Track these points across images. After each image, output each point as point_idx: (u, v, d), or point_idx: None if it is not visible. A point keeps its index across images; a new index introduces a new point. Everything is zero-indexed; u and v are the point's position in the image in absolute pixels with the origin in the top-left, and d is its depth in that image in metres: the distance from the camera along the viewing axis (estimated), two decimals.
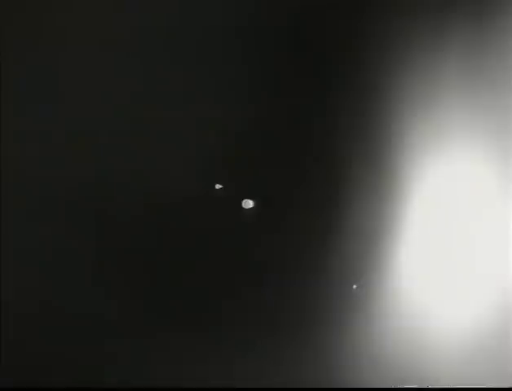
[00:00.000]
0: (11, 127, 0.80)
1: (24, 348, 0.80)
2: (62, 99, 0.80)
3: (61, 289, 0.79)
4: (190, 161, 0.79)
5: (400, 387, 0.78)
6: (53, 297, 0.79)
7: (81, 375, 0.80)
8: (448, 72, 0.78)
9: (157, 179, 0.79)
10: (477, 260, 0.78)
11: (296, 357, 0.78)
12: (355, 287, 0.77)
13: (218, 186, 0.78)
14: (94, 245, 0.79)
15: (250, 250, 0.78)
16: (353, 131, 0.78)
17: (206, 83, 0.79)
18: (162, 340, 0.79)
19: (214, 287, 0.79)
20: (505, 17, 0.78)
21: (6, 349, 0.80)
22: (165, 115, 0.79)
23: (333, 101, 0.78)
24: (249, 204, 0.78)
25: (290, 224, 0.78)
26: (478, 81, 0.78)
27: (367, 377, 0.78)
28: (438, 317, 0.78)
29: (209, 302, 0.79)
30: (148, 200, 0.79)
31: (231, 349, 0.79)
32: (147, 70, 0.80)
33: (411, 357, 0.78)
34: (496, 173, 0.78)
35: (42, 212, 0.80)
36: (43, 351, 0.79)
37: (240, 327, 0.79)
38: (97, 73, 0.80)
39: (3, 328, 0.80)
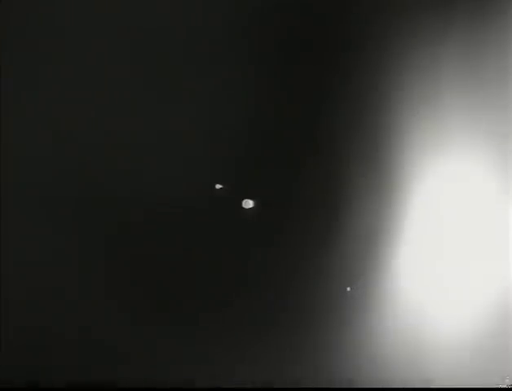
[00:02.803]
0: (11, 127, 0.80)
1: (23, 348, 0.80)
2: (63, 99, 0.80)
3: (61, 289, 0.79)
4: (190, 161, 0.79)
5: (400, 387, 0.78)
6: (53, 297, 0.79)
7: (80, 375, 0.80)
8: (449, 71, 0.78)
9: (157, 179, 0.79)
10: (477, 260, 0.78)
11: (295, 357, 0.78)
12: (348, 289, 0.77)
13: (218, 186, 0.78)
14: (93, 244, 0.79)
15: (250, 250, 0.79)
16: (352, 130, 0.78)
17: (205, 83, 0.79)
18: (161, 340, 0.79)
19: (214, 287, 0.79)
20: (505, 17, 0.78)
21: (6, 349, 0.80)
22: (165, 114, 0.79)
23: (333, 100, 0.78)
24: (249, 204, 0.78)
25: (290, 224, 0.78)
26: (478, 80, 0.78)
27: (366, 377, 0.78)
28: (438, 317, 0.78)
29: (209, 302, 0.79)
30: (148, 200, 0.79)
31: (230, 349, 0.79)
32: (147, 70, 0.80)
33: (411, 357, 0.78)
34: (497, 173, 0.78)
35: (42, 212, 0.80)
36: (43, 351, 0.80)
37: (239, 327, 0.79)
38: (97, 72, 0.80)
39: (3, 328, 0.80)
